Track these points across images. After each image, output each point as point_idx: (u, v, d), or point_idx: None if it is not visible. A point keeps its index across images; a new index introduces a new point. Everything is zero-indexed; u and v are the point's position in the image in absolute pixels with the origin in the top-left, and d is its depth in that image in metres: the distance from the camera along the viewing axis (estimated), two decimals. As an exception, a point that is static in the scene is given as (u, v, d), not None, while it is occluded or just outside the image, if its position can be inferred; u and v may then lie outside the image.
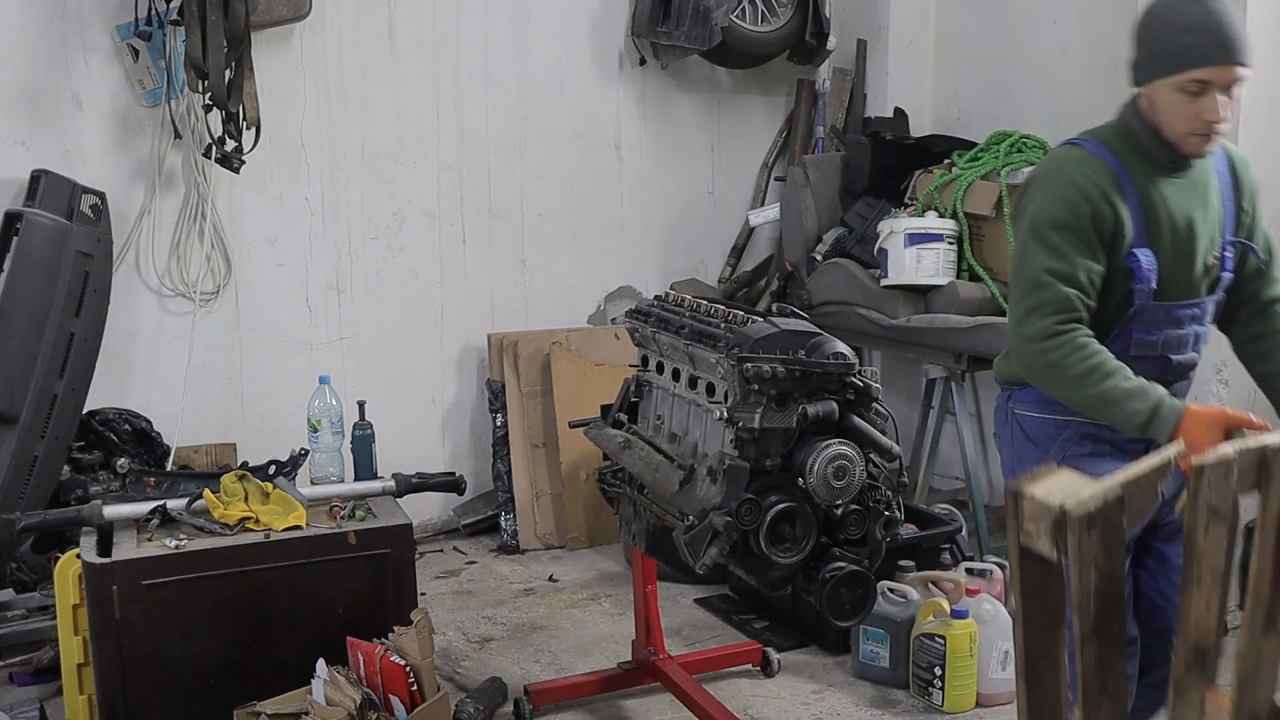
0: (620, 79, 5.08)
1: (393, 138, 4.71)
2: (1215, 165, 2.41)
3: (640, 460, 2.85)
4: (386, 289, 4.77)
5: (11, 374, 3.69)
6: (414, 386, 4.86)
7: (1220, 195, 2.41)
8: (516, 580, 4.46)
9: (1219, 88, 2.22)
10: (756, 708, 3.42)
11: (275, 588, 2.91)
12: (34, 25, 4.11)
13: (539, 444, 4.78)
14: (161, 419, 4.29)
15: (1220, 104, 2.23)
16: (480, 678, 3.55)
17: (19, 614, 3.60)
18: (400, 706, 2.74)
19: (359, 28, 4.60)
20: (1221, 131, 2.28)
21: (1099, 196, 2.28)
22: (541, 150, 4.98)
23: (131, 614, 2.78)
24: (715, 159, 5.34)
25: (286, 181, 4.56)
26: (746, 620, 4.00)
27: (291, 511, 3.02)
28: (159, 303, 4.41)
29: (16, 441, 3.69)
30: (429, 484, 3.36)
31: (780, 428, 2.49)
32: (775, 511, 2.47)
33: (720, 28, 4.74)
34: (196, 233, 4.39)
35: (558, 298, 5.07)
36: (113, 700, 2.81)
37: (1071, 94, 4.48)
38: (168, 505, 3.00)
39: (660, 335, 2.93)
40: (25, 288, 3.72)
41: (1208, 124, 2.24)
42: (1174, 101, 2.25)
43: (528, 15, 4.87)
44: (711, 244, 5.38)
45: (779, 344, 2.53)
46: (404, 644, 2.79)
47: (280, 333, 4.61)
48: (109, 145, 4.26)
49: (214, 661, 2.87)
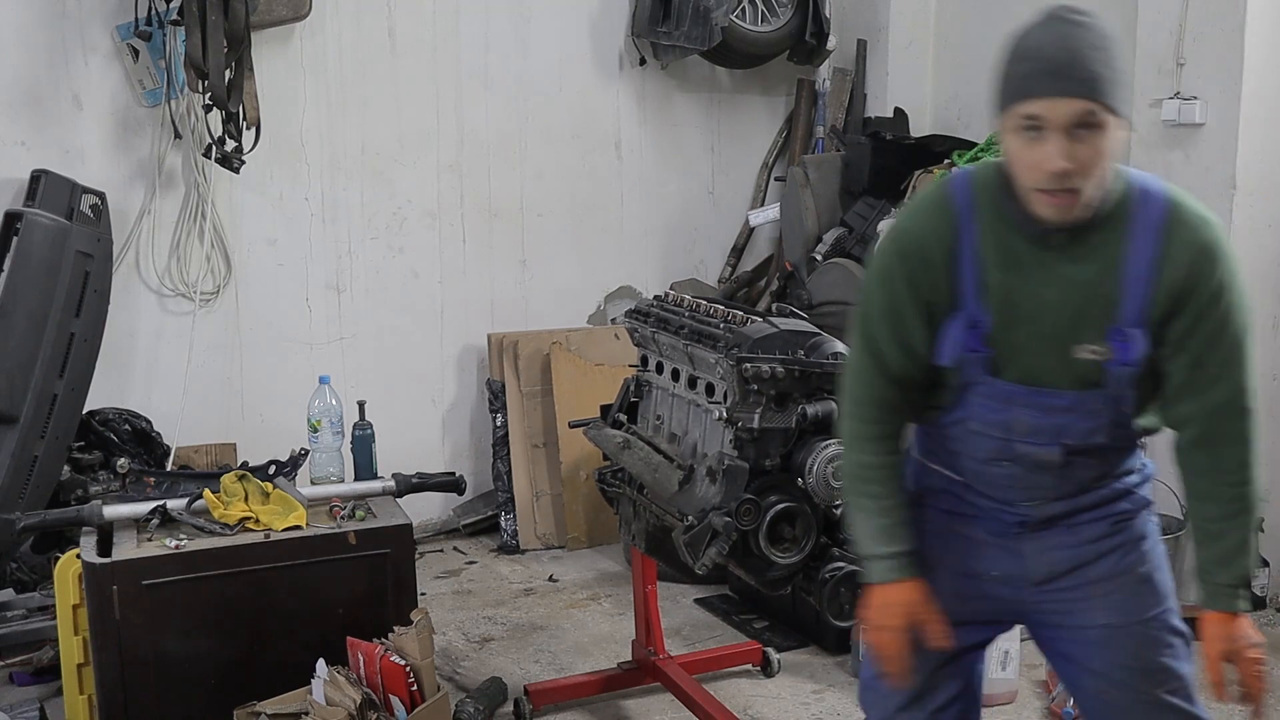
0: (620, 79, 5.08)
1: (393, 138, 4.71)
2: (1135, 239, 1.81)
3: (640, 460, 2.85)
4: (386, 289, 4.77)
5: (11, 374, 3.69)
6: (414, 386, 4.86)
7: (1124, 276, 1.81)
8: (516, 580, 4.46)
9: (1056, 128, 1.71)
10: (756, 708, 3.43)
11: (275, 588, 2.91)
12: (34, 25, 4.11)
13: (539, 444, 4.79)
14: (161, 419, 4.29)
15: (1060, 149, 1.71)
16: (480, 678, 3.55)
17: (19, 614, 3.60)
18: (400, 706, 2.74)
19: (359, 28, 4.60)
20: (1076, 189, 1.73)
21: (924, 249, 1.89)
22: (541, 150, 4.98)
23: (131, 614, 2.78)
24: (715, 159, 5.34)
25: (286, 181, 4.56)
26: (746, 620, 4.00)
27: (291, 511, 3.01)
28: (159, 303, 4.41)
29: (16, 441, 3.69)
30: (429, 484, 3.36)
31: (779, 428, 2.49)
32: (774, 512, 2.47)
33: (720, 28, 4.74)
34: (196, 233, 4.39)
35: (558, 298, 5.07)
36: (113, 700, 2.81)
37: (1071, 94, 4.47)
38: (168, 505, 3.00)
39: (660, 335, 2.93)
40: (25, 288, 3.72)
41: (1047, 175, 1.72)
42: (1014, 147, 1.77)
43: (528, 15, 4.87)
44: (711, 244, 5.38)
45: (778, 344, 2.53)
46: (404, 644, 2.79)
47: (280, 333, 4.61)
48: (109, 145, 4.26)
49: (214, 661, 2.88)
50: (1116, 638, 1.97)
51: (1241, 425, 1.88)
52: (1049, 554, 1.99)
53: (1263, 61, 3.73)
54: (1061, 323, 1.85)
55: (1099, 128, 1.73)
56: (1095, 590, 1.98)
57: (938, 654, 2.00)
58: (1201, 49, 3.79)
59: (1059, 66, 1.73)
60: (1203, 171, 3.83)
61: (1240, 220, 3.78)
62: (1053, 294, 1.85)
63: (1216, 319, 1.83)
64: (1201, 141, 3.83)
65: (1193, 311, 1.82)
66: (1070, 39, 1.74)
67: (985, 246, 1.86)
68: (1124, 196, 1.82)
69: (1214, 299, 1.82)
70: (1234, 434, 1.89)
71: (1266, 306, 3.91)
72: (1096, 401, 1.89)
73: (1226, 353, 1.85)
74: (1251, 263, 3.83)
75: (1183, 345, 1.85)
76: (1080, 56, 1.74)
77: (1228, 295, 1.83)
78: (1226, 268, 1.82)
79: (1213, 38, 3.76)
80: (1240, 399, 1.87)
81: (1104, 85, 1.73)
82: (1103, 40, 1.76)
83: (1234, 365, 1.86)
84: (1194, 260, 1.80)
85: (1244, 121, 3.73)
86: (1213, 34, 3.76)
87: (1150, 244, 1.81)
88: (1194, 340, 1.84)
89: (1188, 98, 3.82)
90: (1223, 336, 1.84)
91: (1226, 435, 1.89)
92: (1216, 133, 3.79)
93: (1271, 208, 3.85)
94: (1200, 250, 1.81)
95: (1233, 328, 1.84)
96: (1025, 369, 1.89)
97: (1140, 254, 1.81)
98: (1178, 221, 1.81)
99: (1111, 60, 1.75)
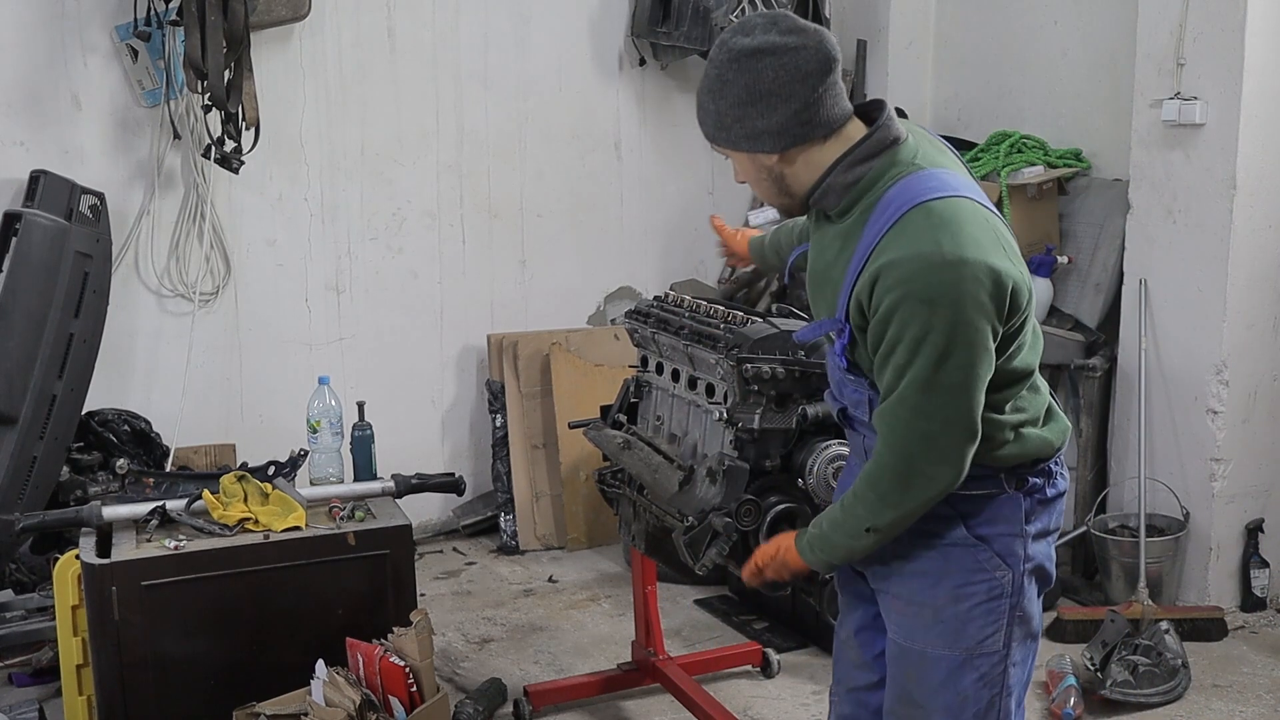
0: (620, 79, 5.08)
1: (392, 138, 4.71)
2: (867, 231, 1.85)
3: (640, 461, 2.85)
4: (386, 289, 4.77)
5: (10, 374, 3.68)
6: (413, 387, 4.85)
7: (847, 269, 1.87)
8: (516, 581, 4.46)
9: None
10: (756, 709, 3.42)
11: (275, 589, 2.91)
12: (33, 25, 4.11)
13: (539, 445, 4.78)
14: (161, 419, 4.28)
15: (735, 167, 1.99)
16: (480, 679, 3.55)
17: (18, 615, 3.60)
18: (400, 707, 2.74)
19: (358, 28, 4.59)
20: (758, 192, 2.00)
21: None
22: (541, 150, 4.97)
23: (131, 615, 2.78)
24: (715, 159, 5.32)
25: (286, 182, 4.55)
26: (746, 621, 3.99)
27: (291, 512, 3.01)
28: (158, 303, 4.41)
29: (15, 442, 3.69)
30: (428, 485, 3.35)
31: (780, 428, 2.49)
32: (775, 512, 2.46)
33: (720, 28, 4.73)
34: (196, 233, 4.38)
35: (557, 298, 5.06)
36: (112, 701, 2.81)
37: (1071, 94, 4.48)
38: (167, 506, 3.00)
39: (660, 336, 2.92)
40: (24, 288, 3.72)
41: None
42: None
43: (528, 15, 4.86)
44: (711, 244, 5.34)
45: (778, 344, 2.53)
46: (403, 645, 2.79)
47: (280, 333, 4.61)
48: (108, 146, 4.26)
49: (213, 662, 2.88)
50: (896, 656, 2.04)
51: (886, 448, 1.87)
52: None
53: (1263, 61, 3.73)
54: (812, 289, 2.02)
55: (727, 157, 1.96)
56: (893, 603, 2.03)
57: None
58: (1201, 49, 3.79)
59: (696, 109, 1.95)
60: (1203, 171, 3.83)
61: (1240, 220, 3.78)
62: (813, 258, 2.02)
63: (886, 342, 1.80)
64: (1201, 141, 3.83)
65: (871, 328, 1.83)
66: (702, 79, 1.91)
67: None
68: (880, 188, 1.86)
69: (882, 322, 1.79)
70: (880, 446, 1.88)
71: (1267, 307, 3.91)
72: (837, 361, 1.97)
73: (890, 380, 1.82)
74: (1251, 263, 3.84)
75: (872, 359, 1.87)
76: (698, 99, 1.93)
77: (897, 325, 1.77)
78: (907, 294, 1.75)
79: (1213, 38, 3.76)
80: (885, 426, 1.86)
81: (706, 127, 1.93)
82: (711, 84, 1.88)
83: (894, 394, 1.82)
84: (874, 275, 1.79)
85: (1244, 121, 3.73)
86: (1213, 34, 3.76)
87: (866, 244, 1.83)
88: (875, 356, 1.85)
89: (1188, 98, 3.81)
90: (886, 362, 1.81)
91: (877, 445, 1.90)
92: (1216, 133, 3.79)
93: (1271, 208, 3.84)
94: (882, 268, 1.78)
95: (896, 358, 1.79)
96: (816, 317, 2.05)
97: (859, 251, 1.85)
98: (895, 228, 1.80)
99: (710, 104, 1.89)
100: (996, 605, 1.95)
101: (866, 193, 1.87)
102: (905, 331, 1.76)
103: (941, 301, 1.74)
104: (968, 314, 1.74)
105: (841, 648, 2.23)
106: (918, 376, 1.78)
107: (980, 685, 1.97)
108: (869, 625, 2.15)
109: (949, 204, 1.79)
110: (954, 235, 1.75)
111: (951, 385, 1.78)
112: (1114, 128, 4.25)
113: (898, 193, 1.83)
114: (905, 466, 1.85)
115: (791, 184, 1.93)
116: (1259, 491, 3.97)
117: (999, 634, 1.96)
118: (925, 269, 1.74)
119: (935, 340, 1.75)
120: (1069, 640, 3.73)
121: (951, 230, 1.76)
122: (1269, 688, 3.51)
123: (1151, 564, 3.83)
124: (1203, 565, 3.95)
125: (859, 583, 2.13)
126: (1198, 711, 3.39)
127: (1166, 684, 3.39)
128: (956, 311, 1.74)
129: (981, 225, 1.80)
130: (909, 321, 1.75)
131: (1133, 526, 3.94)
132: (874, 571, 2.06)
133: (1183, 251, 3.92)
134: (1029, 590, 1.98)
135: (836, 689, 2.25)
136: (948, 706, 1.98)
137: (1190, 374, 3.93)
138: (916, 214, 1.78)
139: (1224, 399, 3.86)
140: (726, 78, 1.85)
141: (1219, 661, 3.67)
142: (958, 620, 1.95)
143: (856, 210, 1.89)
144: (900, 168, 1.86)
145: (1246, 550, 3.98)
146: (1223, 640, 3.79)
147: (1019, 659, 2.00)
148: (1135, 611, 3.69)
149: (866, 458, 1.98)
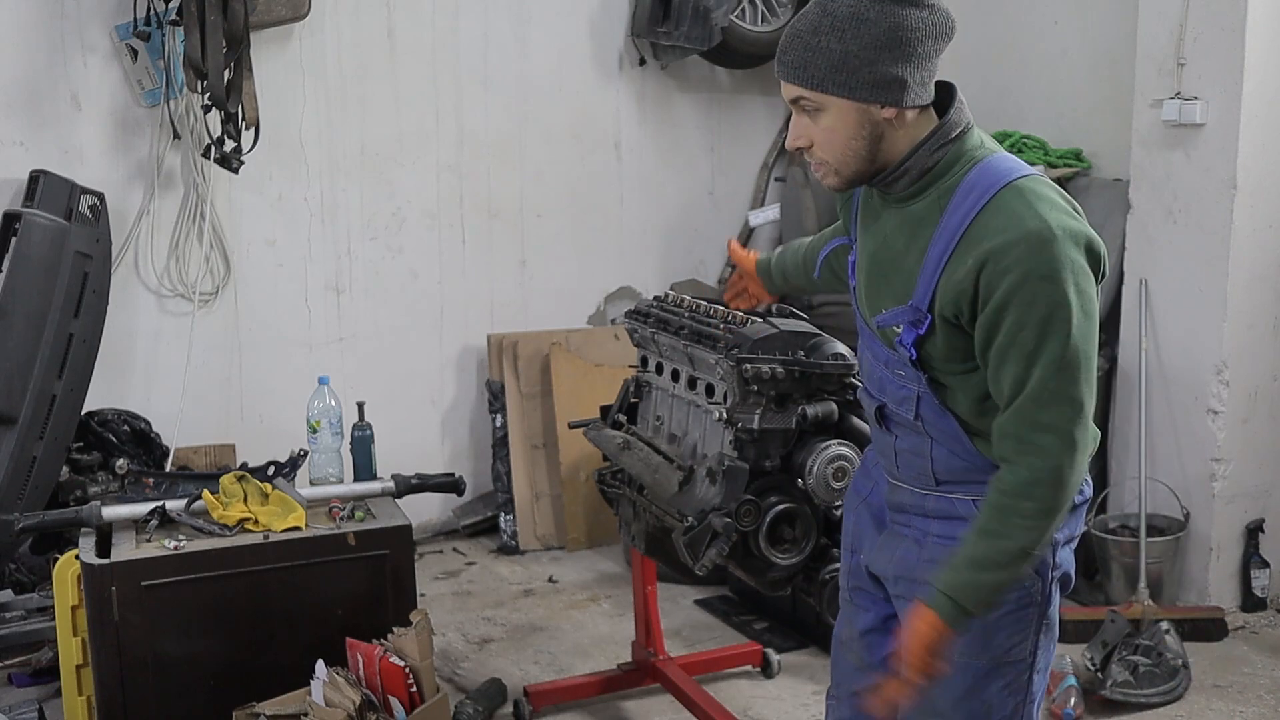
0: (620, 79, 5.08)
1: (392, 138, 4.70)
2: (949, 217, 1.77)
3: (640, 461, 2.85)
4: (386, 290, 4.77)
5: (10, 374, 3.68)
6: (413, 387, 4.85)
7: (926, 257, 1.79)
8: (516, 581, 4.46)
9: (793, 105, 1.82)
10: (756, 709, 3.42)
11: (274, 589, 2.91)
12: (33, 25, 4.11)
13: (538, 445, 4.78)
14: (160, 420, 4.28)
15: (794, 126, 1.83)
16: (480, 679, 3.55)
17: (18, 615, 3.59)
18: (399, 708, 2.73)
19: (358, 28, 4.59)
20: (815, 160, 1.84)
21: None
22: (541, 151, 4.97)
23: (130, 615, 2.77)
24: (715, 159, 5.33)
25: (285, 182, 4.55)
26: (746, 621, 3.99)
27: (291, 512, 3.01)
28: (158, 303, 4.41)
29: (15, 442, 3.68)
30: (428, 485, 3.35)
31: (779, 429, 2.49)
32: (775, 512, 2.47)
33: (720, 28, 4.73)
34: (195, 233, 4.38)
35: (557, 298, 5.06)
36: (111, 701, 2.81)
37: (1071, 94, 4.47)
38: (167, 506, 3.00)
39: (659, 336, 2.92)
40: (24, 288, 3.72)
41: (795, 147, 1.85)
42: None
43: (528, 15, 4.86)
44: (711, 244, 5.37)
45: (778, 345, 2.53)
46: (403, 645, 2.79)
47: (279, 333, 4.61)
48: (108, 145, 4.26)
49: (213, 663, 2.87)
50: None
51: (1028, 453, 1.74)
52: (888, 551, 1.99)
53: (1263, 61, 3.73)
54: (872, 279, 1.91)
55: (817, 110, 1.78)
56: None
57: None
58: (1201, 49, 3.79)
59: (781, 49, 1.79)
60: (1203, 172, 3.83)
61: (1240, 220, 3.78)
62: (872, 246, 1.92)
63: (1006, 331, 1.71)
64: (1201, 141, 3.83)
65: (984, 320, 1.73)
66: (802, 20, 1.77)
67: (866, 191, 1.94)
68: (957, 174, 1.80)
69: (999, 309, 1.70)
70: (1017, 456, 1.76)
71: (1267, 307, 3.91)
72: (899, 367, 1.88)
73: (1018, 372, 1.72)
74: (1251, 263, 3.83)
75: (984, 355, 1.77)
76: (798, 40, 1.77)
77: (1019, 308, 1.69)
78: (1027, 274, 1.68)
79: (1213, 38, 3.76)
80: (1021, 427, 1.74)
81: (811, 71, 1.75)
82: (839, 22, 1.74)
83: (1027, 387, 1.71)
84: (980, 262, 1.71)
85: (1244, 121, 3.73)
86: (1213, 34, 3.76)
87: (953, 237, 1.75)
88: (990, 352, 1.75)
89: (1188, 98, 3.81)
90: (1007, 354, 1.72)
91: (1008, 457, 1.78)
92: (1216, 133, 3.79)
93: (1271, 208, 3.84)
94: (990, 253, 1.70)
95: (1023, 345, 1.70)
96: (862, 310, 1.97)
97: (942, 241, 1.76)
98: (988, 212, 1.72)
99: (835, 44, 1.73)
100: (1025, 614, 1.91)
101: (941, 177, 1.81)
102: (1030, 314, 1.68)
103: (1061, 276, 1.68)
104: (1083, 284, 1.71)
105: (842, 650, 2.18)
106: (1054, 357, 1.70)
107: (1005, 694, 1.93)
108: (878, 628, 2.09)
109: (1035, 181, 1.77)
110: (1054, 209, 1.72)
111: (1087, 357, 1.72)
112: (1114, 128, 4.24)
113: (978, 176, 1.78)
114: (1062, 459, 1.74)
115: (887, 149, 1.80)
116: (1259, 491, 3.97)
117: (1025, 642, 1.92)
118: (1039, 245, 1.68)
119: (1063, 316, 1.69)
120: (1069, 640, 3.72)
121: (1048, 205, 1.73)
122: (1269, 688, 3.51)
123: (1152, 564, 3.83)
124: (1203, 565, 3.95)
125: (872, 586, 2.08)
126: (1198, 712, 3.39)
127: (1167, 684, 3.39)
128: (1077, 282, 1.70)
129: (1063, 198, 1.79)
130: (1033, 301, 1.68)
131: (1133, 526, 3.94)
132: (898, 581, 1.99)
133: (1183, 252, 3.92)
134: (1055, 597, 1.94)
135: (836, 691, 2.21)
136: (972, 715, 1.94)
137: (1190, 374, 3.93)
138: (1008, 194, 1.74)
139: (1224, 399, 3.86)
140: (865, 16, 1.73)
141: (1219, 662, 3.67)
142: (986, 629, 1.89)
143: (929, 195, 1.82)
144: (973, 152, 1.82)
145: (1247, 550, 3.98)
146: (1223, 640, 3.79)
147: (1043, 666, 1.97)
148: (1135, 611, 3.69)
149: (897, 460, 1.94)
